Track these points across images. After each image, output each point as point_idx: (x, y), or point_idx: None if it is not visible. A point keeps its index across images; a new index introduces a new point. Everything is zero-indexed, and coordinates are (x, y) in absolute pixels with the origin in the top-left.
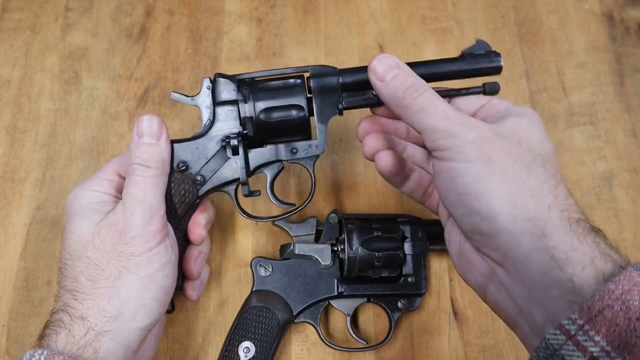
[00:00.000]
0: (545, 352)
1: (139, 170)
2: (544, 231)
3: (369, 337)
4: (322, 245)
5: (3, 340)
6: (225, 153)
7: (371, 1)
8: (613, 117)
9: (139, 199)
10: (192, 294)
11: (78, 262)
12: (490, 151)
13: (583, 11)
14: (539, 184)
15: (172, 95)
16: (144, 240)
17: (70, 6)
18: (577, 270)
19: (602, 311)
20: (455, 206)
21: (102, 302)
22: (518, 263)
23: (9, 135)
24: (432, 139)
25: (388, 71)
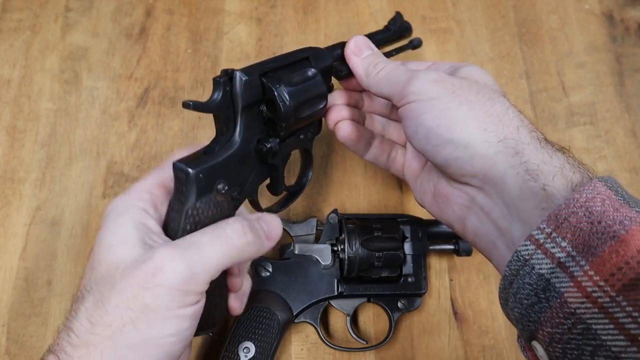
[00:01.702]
0: (517, 264)
1: (229, 231)
2: (516, 149)
3: (369, 337)
4: (322, 245)
5: (3, 340)
6: (255, 159)
7: (371, 1)
8: (613, 117)
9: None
10: (235, 305)
11: (90, 297)
12: (453, 87)
13: (583, 11)
14: (503, 110)
15: (187, 105)
16: (170, 297)
17: (70, 6)
18: (548, 179)
19: (567, 218)
20: (425, 142)
21: (95, 354)
22: (496, 183)
23: (9, 135)
24: (398, 92)
25: (363, 49)
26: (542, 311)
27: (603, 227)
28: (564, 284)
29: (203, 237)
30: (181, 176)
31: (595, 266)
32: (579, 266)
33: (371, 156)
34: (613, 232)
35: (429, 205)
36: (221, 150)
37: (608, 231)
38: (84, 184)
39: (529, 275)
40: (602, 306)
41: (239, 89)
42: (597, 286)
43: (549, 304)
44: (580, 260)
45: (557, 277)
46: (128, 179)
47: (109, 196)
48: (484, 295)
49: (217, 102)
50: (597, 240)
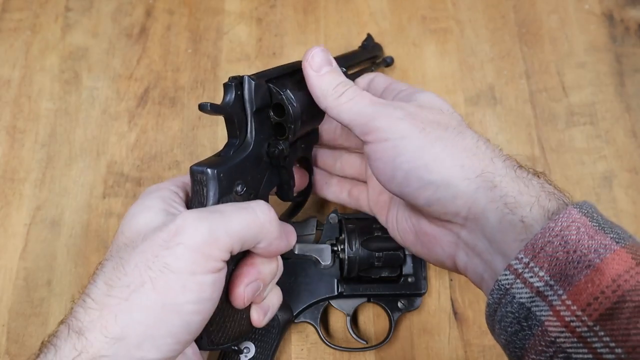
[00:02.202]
0: (499, 293)
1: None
2: (494, 182)
3: (369, 337)
4: (322, 245)
5: (3, 340)
6: (266, 163)
7: (371, 1)
8: (613, 117)
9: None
10: (255, 316)
11: (109, 263)
12: (422, 123)
13: (583, 11)
14: (474, 143)
15: (204, 107)
16: (190, 258)
17: (70, 6)
18: (525, 211)
19: (543, 247)
20: (404, 185)
21: (108, 317)
22: (477, 218)
23: (9, 135)
24: (362, 124)
25: (323, 65)
26: (526, 338)
27: (578, 256)
28: (544, 313)
29: (227, 207)
30: (201, 178)
31: (573, 295)
32: (557, 295)
33: (331, 196)
34: (588, 261)
35: (412, 246)
36: (237, 153)
37: (583, 260)
38: (84, 184)
39: (511, 304)
40: (580, 335)
41: (248, 92)
42: (575, 316)
43: (532, 331)
44: (558, 289)
45: (537, 306)
46: (128, 179)
47: (109, 196)
48: (484, 296)
49: (230, 105)
50: (573, 269)
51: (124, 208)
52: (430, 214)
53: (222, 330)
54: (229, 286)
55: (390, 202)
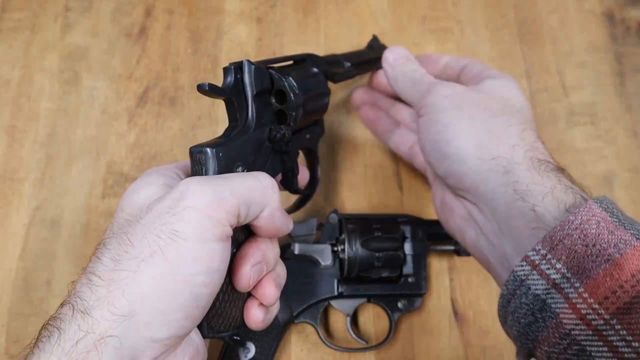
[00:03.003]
0: (514, 284)
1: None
2: (507, 168)
3: (369, 338)
4: (322, 245)
5: (2, 340)
6: (268, 148)
7: (371, 1)
8: (613, 117)
9: (228, 182)
10: (254, 315)
11: (113, 240)
12: (462, 103)
13: (583, 11)
14: (504, 128)
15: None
16: (199, 222)
17: (70, 6)
18: (537, 200)
19: (562, 240)
20: (431, 154)
21: (116, 293)
22: (487, 199)
23: (8, 135)
24: (417, 102)
25: (398, 58)
26: (539, 330)
27: (597, 250)
28: (559, 305)
29: (230, 174)
30: (200, 157)
31: (590, 288)
32: (573, 288)
33: (393, 144)
34: (608, 255)
35: (438, 211)
36: (237, 135)
37: (603, 254)
38: (83, 184)
39: (525, 295)
40: (596, 329)
41: (248, 76)
42: (592, 309)
43: (545, 323)
44: (575, 282)
45: (553, 298)
46: (128, 179)
47: (109, 196)
48: (485, 296)
49: (230, 87)
50: (592, 262)
51: None
52: (449, 186)
53: (222, 316)
54: (232, 269)
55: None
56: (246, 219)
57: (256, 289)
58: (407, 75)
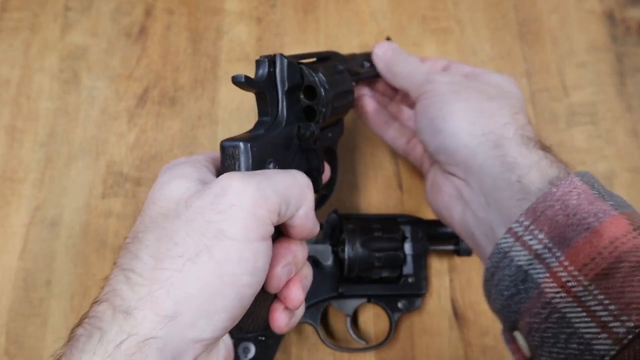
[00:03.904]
0: (497, 256)
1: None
2: (497, 143)
3: (369, 338)
4: (322, 245)
5: (2, 340)
6: (296, 146)
7: (371, 1)
8: (614, 117)
9: (269, 179)
10: (278, 319)
11: (149, 235)
12: (460, 88)
13: (584, 11)
14: (497, 108)
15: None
16: (244, 222)
17: (70, 6)
18: (523, 172)
19: (544, 211)
20: (425, 130)
21: (159, 293)
22: (475, 173)
23: (8, 135)
24: (416, 89)
25: (387, 50)
26: (521, 302)
27: (578, 220)
28: (541, 275)
29: (268, 170)
30: (233, 152)
31: (570, 256)
32: (554, 257)
33: (389, 137)
34: (587, 224)
35: (427, 194)
36: (268, 130)
37: (582, 223)
38: (83, 184)
39: (509, 267)
40: (575, 295)
41: (280, 70)
42: (571, 276)
43: (528, 294)
44: (556, 251)
45: (535, 269)
46: (127, 179)
47: (108, 196)
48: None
49: (263, 80)
50: (572, 232)
51: (123, 208)
52: (440, 162)
53: (251, 317)
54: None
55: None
56: (284, 217)
57: (282, 291)
58: (401, 65)
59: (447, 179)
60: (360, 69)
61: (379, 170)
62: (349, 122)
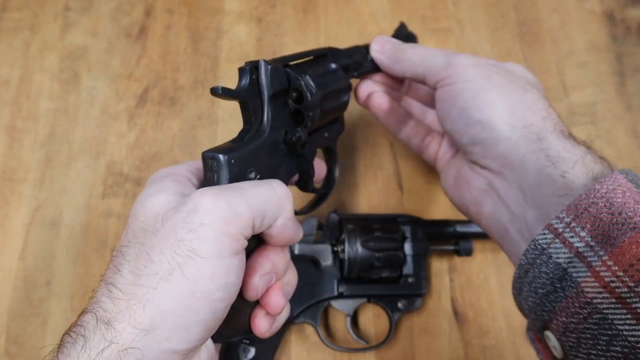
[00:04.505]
0: (534, 252)
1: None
2: (539, 135)
3: (369, 338)
4: (322, 245)
5: (2, 340)
6: (283, 151)
7: (371, 1)
8: (614, 117)
9: (242, 194)
10: (260, 324)
11: (130, 250)
12: (490, 72)
13: (584, 11)
14: (534, 100)
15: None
16: (215, 239)
17: (70, 5)
18: (568, 167)
19: (587, 208)
20: (456, 121)
21: (137, 307)
22: (515, 167)
23: (8, 135)
24: (434, 73)
25: (385, 44)
26: (557, 300)
27: (623, 218)
28: (581, 274)
29: (243, 183)
30: (212, 164)
31: (614, 256)
32: (597, 256)
33: (404, 135)
34: (634, 224)
35: (449, 189)
36: (251, 139)
37: (628, 222)
38: (83, 184)
39: (546, 264)
40: (619, 296)
41: (264, 76)
42: (616, 276)
43: (565, 293)
44: (599, 250)
45: (575, 267)
46: (127, 179)
47: (108, 196)
48: (485, 296)
49: (245, 89)
50: (617, 231)
51: (123, 208)
52: (474, 155)
53: (231, 323)
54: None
55: (452, 157)
56: (259, 229)
57: (263, 298)
58: (408, 52)
59: (476, 173)
60: (365, 62)
61: (379, 170)
62: (348, 123)
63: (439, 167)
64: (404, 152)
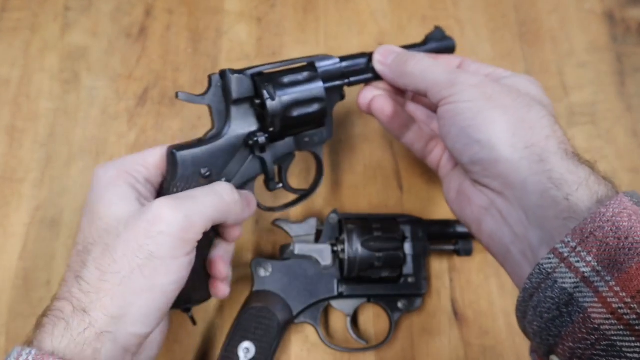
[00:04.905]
0: (539, 277)
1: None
2: (541, 157)
3: (369, 338)
4: (322, 245)
5: (2, 340)
6: (246, 151)
7: (371, 1)
8: (614, 117)
9: (194, 204)
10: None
11: (95, 248)
12: (492, 92)
13: (584, 11)
14: (538, 118)
15: (180, 96)
16: (172, 244)
17: (70, 6)
18: (572, 189)
19: (593, 232)
20: (456, 140)
21: (105, 299)
22: (517, 188)
23: (8, 135)
24: (437, 92)
25: (387, 55)
26: (563, 325)
27: (630, 243)
28: (588, 299)
29: (196, 192)
30: (170, 158)
31: (622, 282)
32: (604, 282)
33: (407, 140)
34: None
35: (451, 202)
36: (209, 140)
37: (635, 247)
38: (83, 184)
39: (551, 288)
40: (628, 323)
41: (228, 84)
42: (624, 303)
43: (571, 318)
44: (606, 275)
45: (581, 292)
46: None
47: None
48: (485, 296)
49: (207, 96)
50: (624, 256)
51: None
52: (473, 174)
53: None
54: (209, 264)
55: (455, 167)
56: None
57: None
58: (411, 65)
59: (478, 190)
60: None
61: (379, 170)
62: (349, 123)
63: (441, 175)
64: (404, 152)
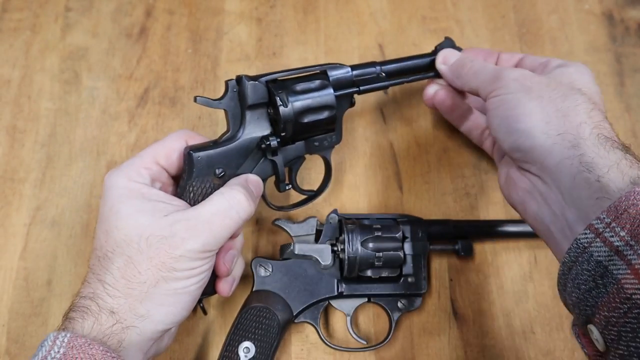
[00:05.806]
0: (576, 251)
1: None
2: (573, 142)
3: (369, 337)
4: (322, 245)
5: (3, 340)
6: (259, 154)
7: (371, 1)
8: (613, 117)
9: (211, 230)
10: (224, 288)
11: (118, 258)
12: (531, 84)
13: (583, 11)
14: (572, 107)
15: (198, 100)
16: (190, 262)
17: (70, 6)
18: (603, 171)
19: (627, 209)
20: (499, 129)
21: (134, 303)
22: (552, 171)
23: (9, 135)
24: (485, 88)
25: (449, 57)
26: (599, 296)
27: None
28: (621, 271)
29: (215, 217)
30: (186, 158)
31: None
32: (636, 254)
33: (465, 129)
34: None
35: (502, 186)
36: (224, 142)
37: None
38: (83, 184)
39: (587, 262)
40: None
41: (244, 90)
42: None
43: (606, 289)
44: (638, 248)
45: (615, 264)
46: None
47: None
48: (484, 296)
49: (224, 100)
50: None
51: None
52: (516, 160)
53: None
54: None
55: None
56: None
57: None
58: (467, 67)
59: (522, 174)
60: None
61: (379, 170)
62: (349, 123)
63: (496, 161)
64: (404, 152)
